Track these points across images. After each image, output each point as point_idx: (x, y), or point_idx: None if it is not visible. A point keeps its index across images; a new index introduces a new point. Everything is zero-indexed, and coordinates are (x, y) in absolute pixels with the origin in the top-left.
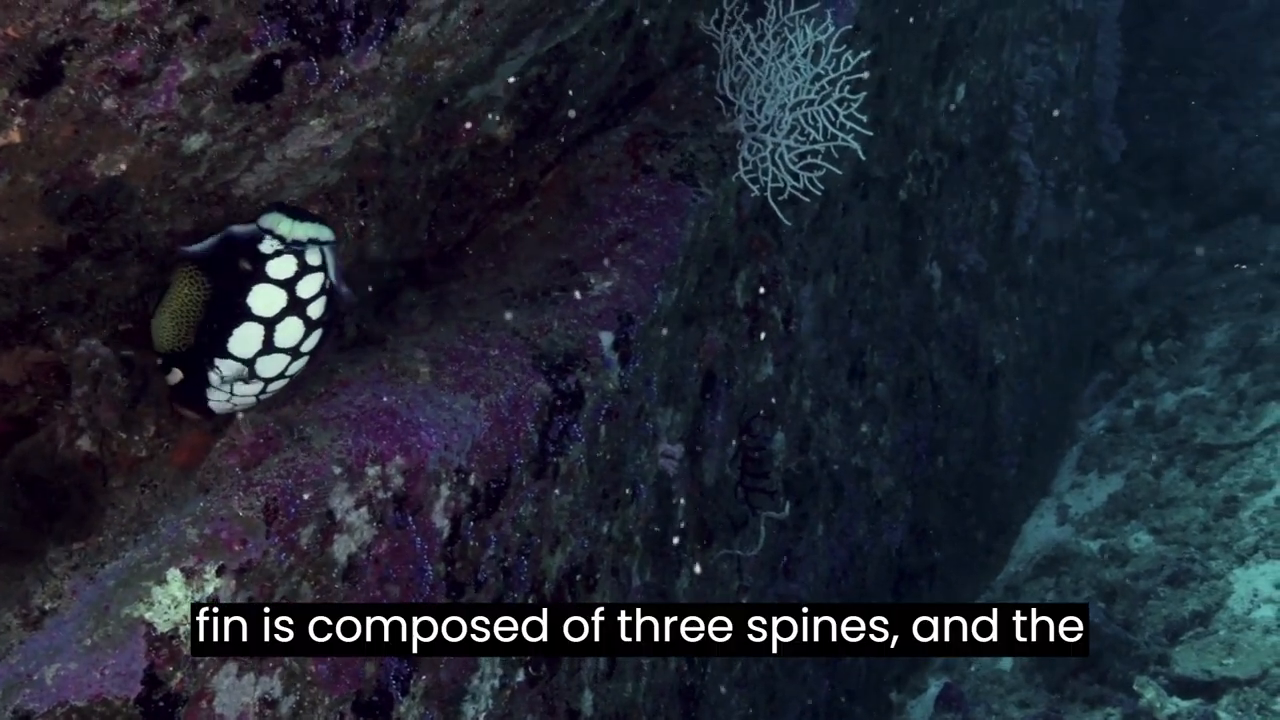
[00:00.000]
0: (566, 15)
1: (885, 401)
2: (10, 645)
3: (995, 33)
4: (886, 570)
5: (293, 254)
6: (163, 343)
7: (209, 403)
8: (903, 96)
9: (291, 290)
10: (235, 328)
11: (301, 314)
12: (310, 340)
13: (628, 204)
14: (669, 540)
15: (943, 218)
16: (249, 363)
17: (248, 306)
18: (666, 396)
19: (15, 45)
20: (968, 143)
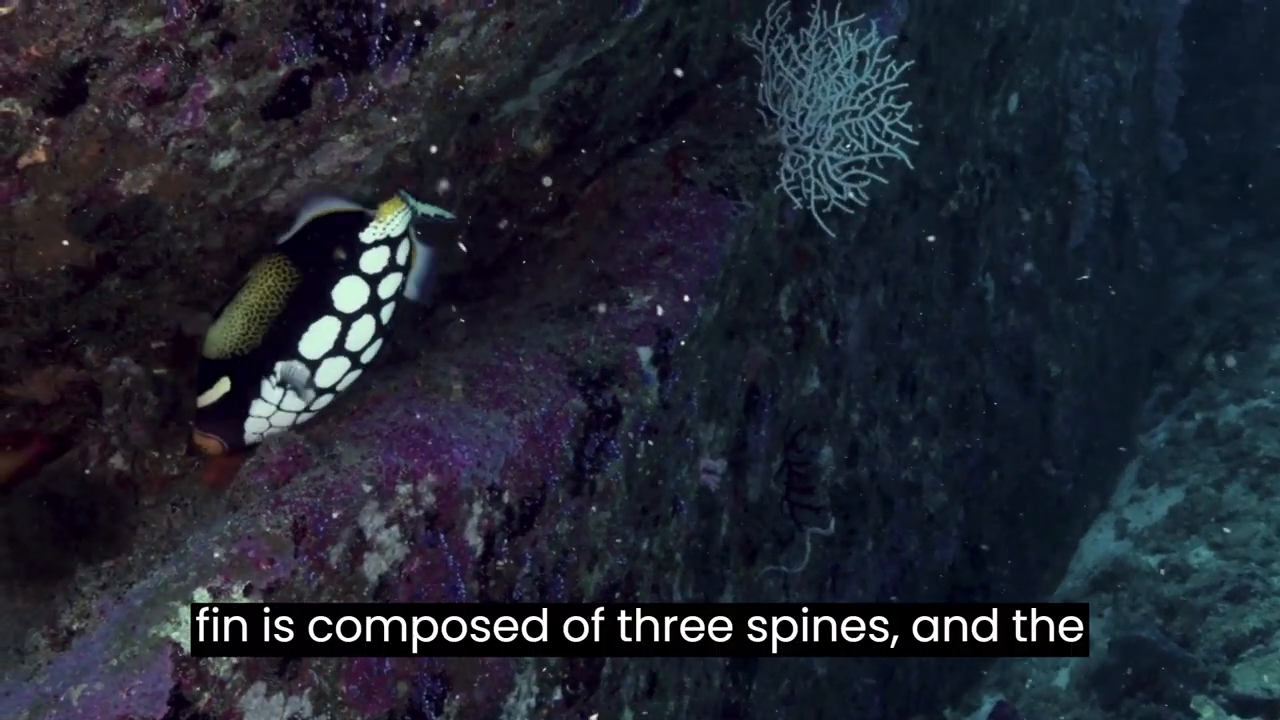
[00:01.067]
0: (601, 28)
1: (936, 415)
2: (38, 665)
3: (1049, 41)
4: (939, 587)
5: (388, 246)
6: (224, 344)
7: (249, 419)
8: (953, 107)
9: (374, 287)
10: (314, 322)
11: (376, 315)
12: (372, 349)
13: (667, 217)
14: (711, 556)
15: (995, 229)
16: (314, 365)
17: (332, 299)
18: (708, 411)
19: (38, 64)
20: (1020, 152)
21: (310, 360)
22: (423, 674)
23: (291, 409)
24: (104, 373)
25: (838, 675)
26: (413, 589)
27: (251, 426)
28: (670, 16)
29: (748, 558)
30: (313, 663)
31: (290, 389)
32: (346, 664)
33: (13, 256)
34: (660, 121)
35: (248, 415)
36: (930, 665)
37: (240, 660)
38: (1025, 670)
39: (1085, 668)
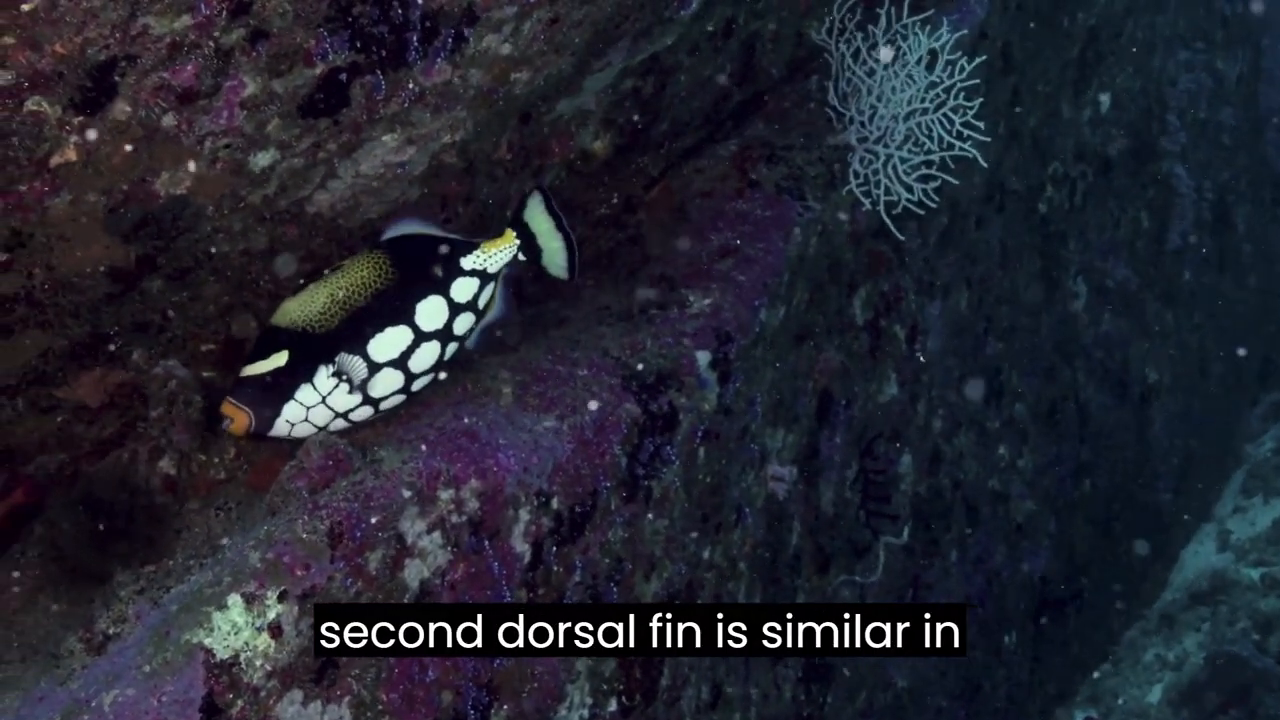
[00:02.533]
0: (655, 25)
1: (1025, 422)
2: (72, 670)
3: (1143, 39)
4: (1028, 598)
5: (479, 281)
6: (297, 316)
7: (289, 403)
8: (1040, 106)
9: (452, 317)
10: (391, 327)
11: (443, 346)
12: (424, 380)
13: (731, 219)
14: (780, 566)
15: (1087, 232)
16: (373, 369)
17: (414, 311)
18: (775, 417)
19: (64, 62)
20: (1114, 154)
21: (373, 362)
22: (468, 683)
23: (333, 408)
24: (149, 375)
25: (918, 688)
26: (456, 596)
27: (288, 413)
28: (732, 15)
29: (820, 568)
30: (352, 670)
31: (344, 383)
32: (387, 671)
33: (50, 257)
34: (728, 122)
35: (290, 399)
36: (1019, 680)
37: (275, 667)
38: (1117, 686)
39: (1178, 684)
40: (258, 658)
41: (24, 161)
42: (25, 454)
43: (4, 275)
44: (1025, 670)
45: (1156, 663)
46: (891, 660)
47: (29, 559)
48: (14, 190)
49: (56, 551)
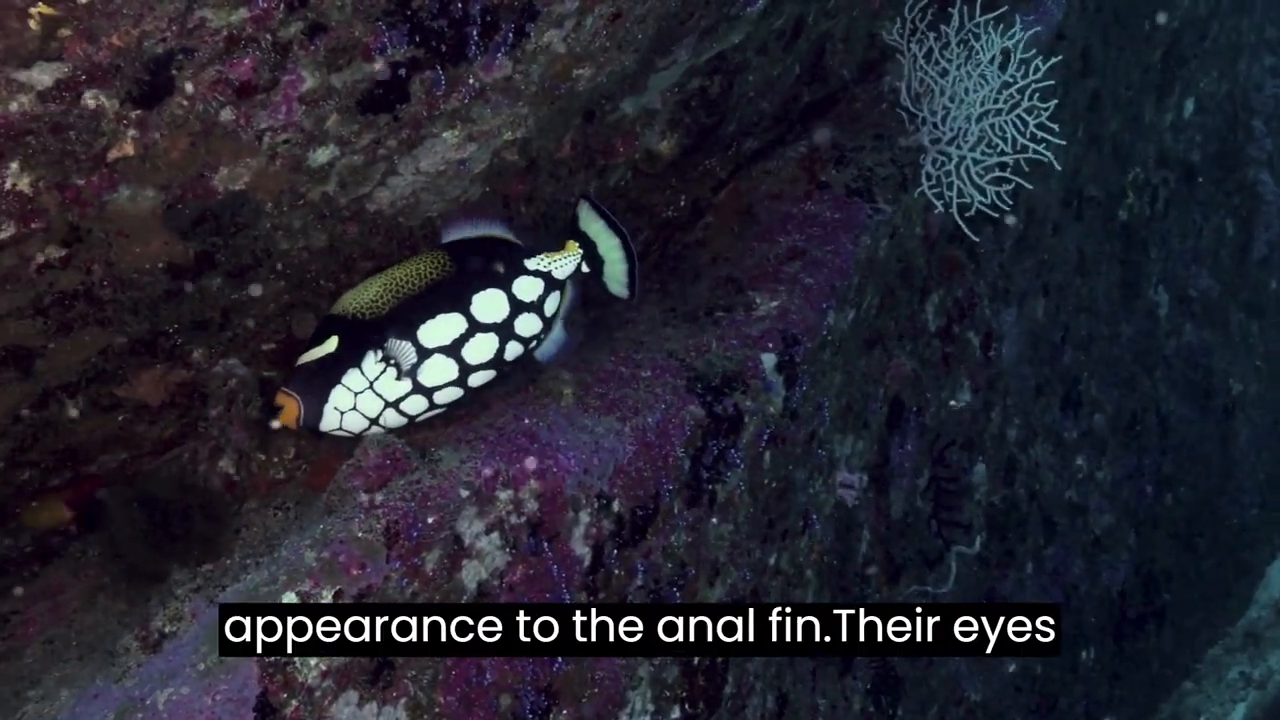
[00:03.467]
0: (721, 22)
1: (1104, 433)
2: (128, 668)
3: (1228, 43)
4: (1107, 613)
5: (544, 282)
6: (350, 304)
7: (336, 387)
8: (1120, 111)
9: (514, 314)
10: (443, 313)
11: (502, 342)
12: (481, 375)
13: (800, 221)
14: (849, 574)
15: (1169, 239)
16: (423, 354)
17: (470, 300)
18: (844, 423)
19: (121, 54)
20: (1198, 160)
21: (423, 347)
22: (526, 687)
23: (382, 395)
24: (209, 374)
25: (992, 703)
26: (515, 599)
27: (335, 399)
28: (801, 13)
29: (891, 577)
30: (408, 671)
31: (391, 367)
32: (444, 673)
33: (109, 253)
34: (798, 123)
35: (337, 384)
36: (1097, 697)
37: (330, 667)
38: (1200, 704)
39: (1262, 702)
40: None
41: (82, 155)
42: (87, 453)
43: (63, 271)
44: (1104, 687)
45: (1240, 680)
46: (965, 674)
47: (89, 559)
48: (72, 184)
49: (115, 550)
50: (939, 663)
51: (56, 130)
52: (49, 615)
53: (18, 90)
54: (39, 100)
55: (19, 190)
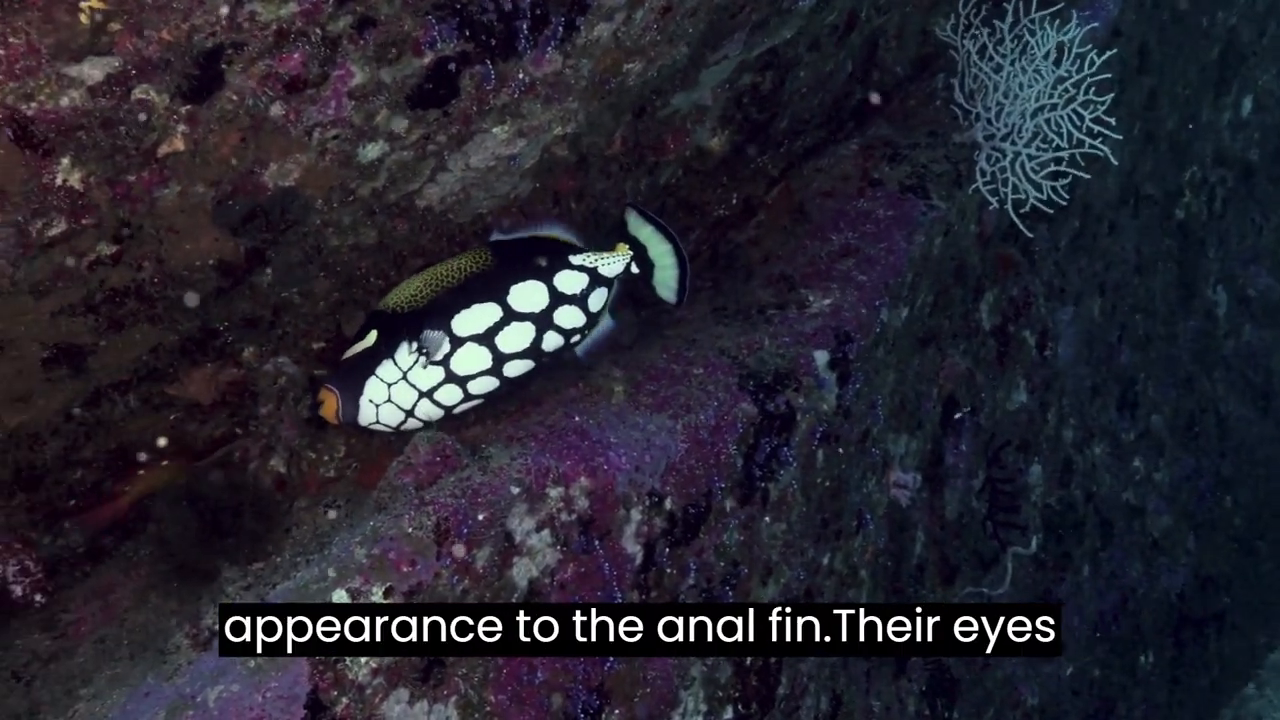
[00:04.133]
0: (772, 15)
1: (1162, 434)
2: (179, 666)
3: None
4: (1165, 616)
5: (588, 277)
6: (391, 299)
7: (370, 379)
8: (1177, 109)
9: (554, 305)
10: (478, 303)
11: (539, 331)
12: (518, 364)
13: (853, 218)
14: (904, 575)
15: (1228, 239)
16: (455, 342)
17: (507, 290)
18: (898, 422)
19: (171, 49)
20: (1256, 158)
21: (455, 336)
22: (578, 686)
23: (415, 385)
24: (260, 372)
25: (1050, 707)
26: (566, 597)
27: (370, 391)
28: (854, 8)
29: (946, 578)
30: (459, 670)
31: (423, 356)
32: (495, 672)
33: (160, 250)
34: (851, 121)
35: (371, 374)
36: (1156, 702)
37: (380, 664)
38: (1261, 710)
39: None
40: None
41: (132, 151)
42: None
43: (114, 268)
44: (1163, 691)
45: None
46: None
47: (140, 557)
48: (122, 180)
49: (166, 549)
50: (995, 664)
51: (107, 125)
52: (100, 614)
53: (68, 85)
54: (89, 95)
55: (70, 186)
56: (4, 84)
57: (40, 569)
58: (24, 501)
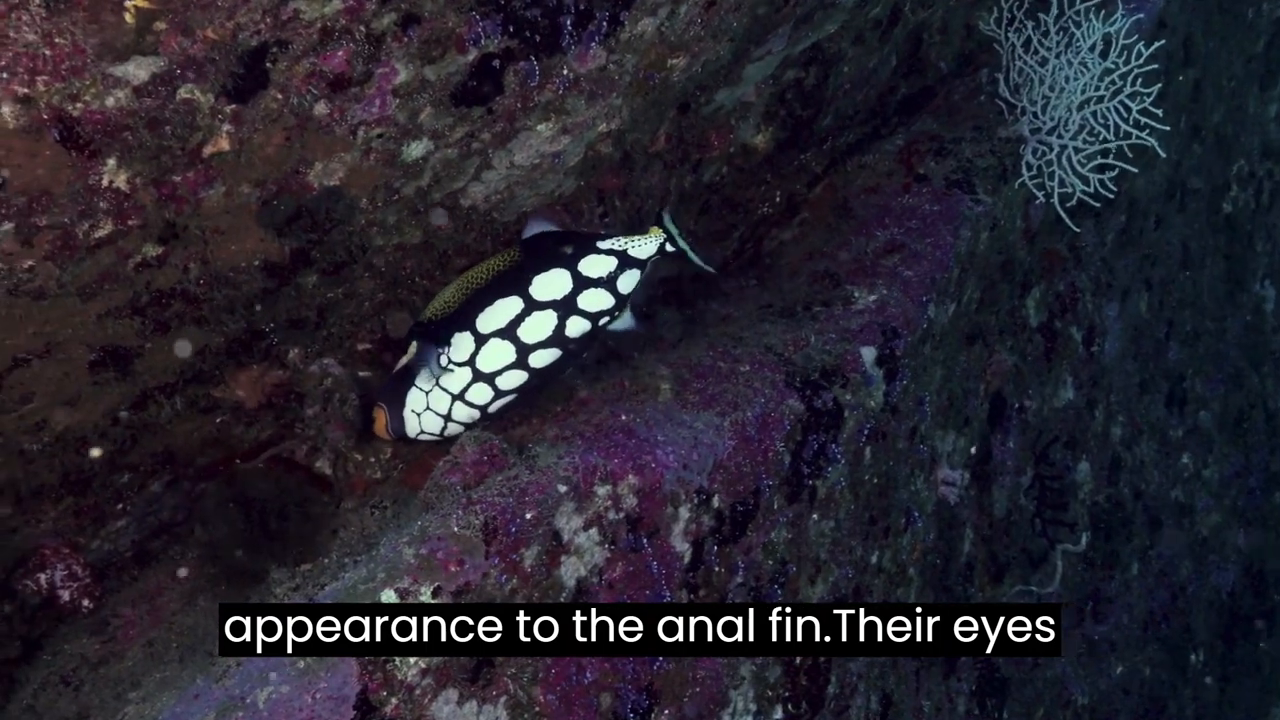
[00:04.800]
0: (816, 10)
1: (1210, 431)
2: (228, 668)
3: None
4: (1216, 614)
5: (616, 260)
6: (431, 308)
7: (411, 390)
8: (1223, 102)
9: (577, 290)
10: (501, 299)
11: (562, 318)
12: (543, 354)
13: (898, 214)
14: (952, 573)
15: (1275, 232)
16: (479, 340)
17: (528, 282)
18: (945, 419)
19: (216, 47)
20: None
21: (479, 334)
22: (627, 686)
23: (448, 389)
24: (306, 373)
25: (1100, 706)
26: (614, 596)
27: (410, 402)
28: (898, 3)
29: (994, 576)
30: (508, 669)
31: (450, 359)
32: (544, 671)
33: (205, 251)
34: (895, 117)
35: (411, 386)
36: (1207, 701)
37: (429, 665)
38: None
39: None
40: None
41: (177, 151)
42: (185, 455)
43: (160, 269)
44: (1214, 690)
45: None
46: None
47: (188, 560)
48: (168, 180)
49: (213, 551)
50: (1045, 664)
51: (152, 126)
52: (149, 618)
53: (114, 85)
54: (135, 95)
55: (116, 187)
56: (50, 85)
57: (88, 573)
58: (71, 505)
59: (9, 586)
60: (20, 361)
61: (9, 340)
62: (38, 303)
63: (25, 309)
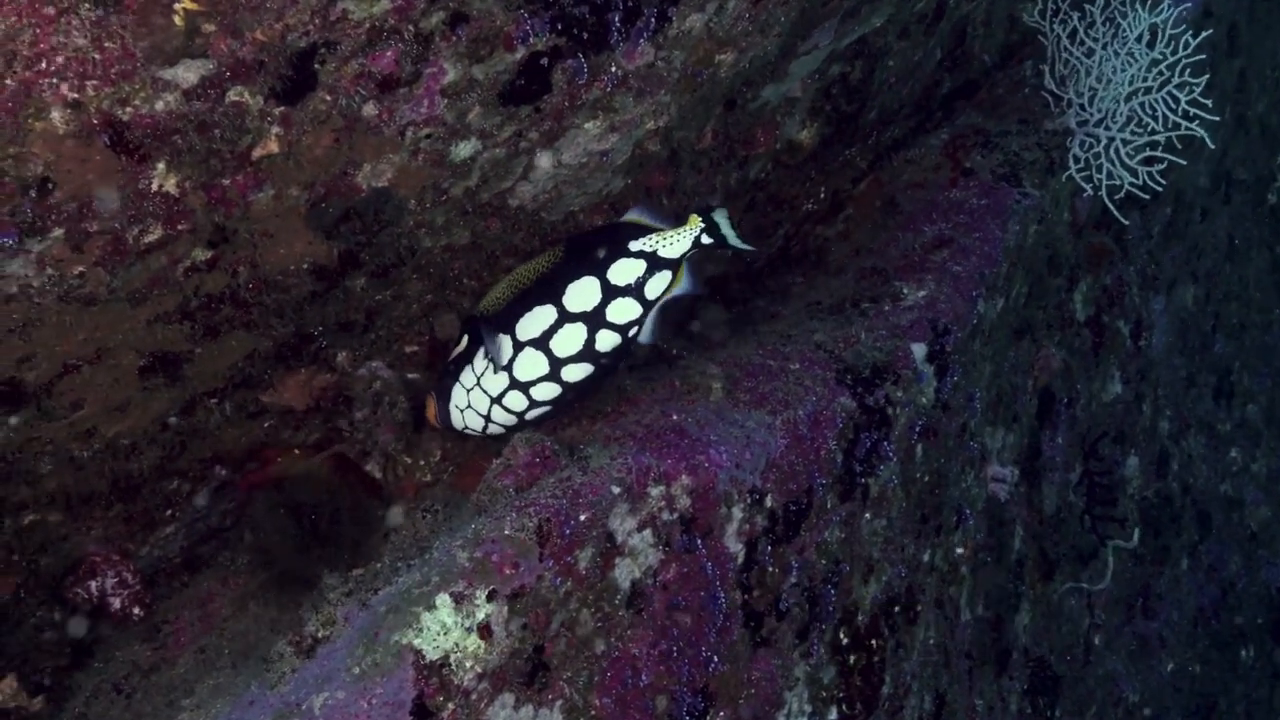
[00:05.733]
0: (864, 3)
1: (1258, 424)
2: (283, 673)
3: None
4: (1266, 610)
5: (646, 263)
6: (483, 302)
7: (456, 385)
8: (1268, 92)
9: (605, 300)
10: (538, 305)
11: (591, 330)
12: (575, 368)
13: (945, 209)
14: (1003, 571)
15: None
16: (517, 348)
17: (562, 290)
18: (995, 415)
19: (264, 49)
20: None
21: (518, 341)
22: (683, 688)
23: (487, 391)
24: (354, 376)
25: (1151, 703)
26: (669, 597)
27: (455, 396)
28: None
29: (1045, 574)
30: (563, 673)
31: (490, 361)
32: (600, 675)
33: (254, 255)
34: (940, 111)
35: (456, 381)
36: (1258, 698)
37: (485, 669)
38: None
39: None
40: (468, 659)
41: (226, 154)
42: (233, 460)
43: (209, 274)
44: (1265, 687)
45: None
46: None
47: (238, 566)
48: (217, 184)
49: (265, 557)
50: (1096, 662)
51: (202, 129)
52: (200, 624)
53: (163, 89)
54: (184, 99)
55: (166, 191)
56: (100, 89)
57: (138, 581)
58: (121, 512)
59: (59, 594)
60: (70, 368)
61: (59, 347)
62: (88, 309)
63: (75, 315)
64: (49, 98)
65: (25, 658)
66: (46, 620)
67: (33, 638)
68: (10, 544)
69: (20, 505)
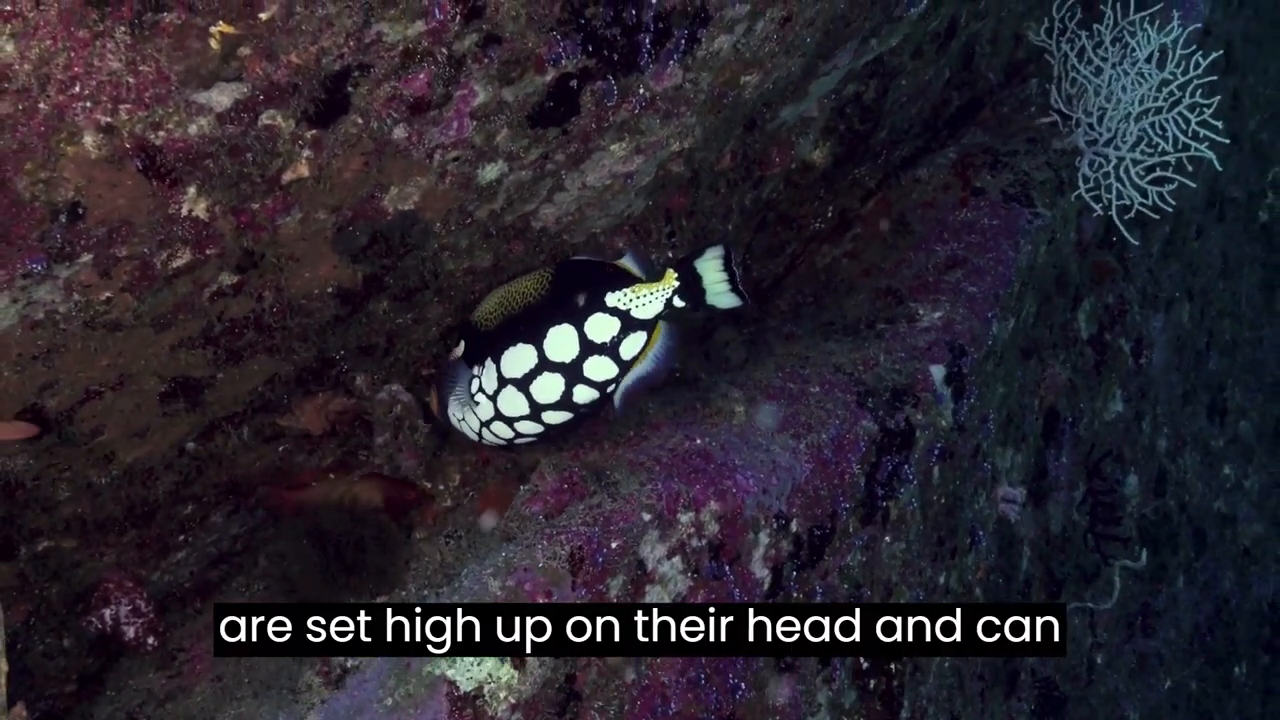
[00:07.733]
0: (884, 24)
1: (1250, 441)
2: (312, 704)
3: None
4: (1259, 625)
5: (619, 322)
6: (477, 311)
7: (452, 397)
8: (1260, 109)
9: (583, 355)
10: (522, 343)
11: (571, 383)
12: (555, 414)
13: (956, 229)
14: (1013, 592)
15: None
16: (501, 382)
17: (544, 334)
18: (1005, 435)
19: (299, 72)
20: None
21: (501, 375)
22: (710, 715)
23: (477, 415)
24: (374, 400)
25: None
26: None
27: (452, 409)
28: (955, 13)
29: (1051, 593)
30: (595, 703)
31: (479, 389)
32: (630, 705)
33: (280, 279)
34: (946, 129)
35: (453, 392)
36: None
37: (518, 699)
38: None
39: None
40: (501, 689)
41: (257, 178)
42: (249, 485)
43: (234, 298)
44: (1257, 703)
45: None
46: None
47: (255, 592)
48: (247, 208)
49: (288, 585)
50: (1098, 681)
51: (234, 153)
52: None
53: (197, 113)
54: (218, 122)
55: (195, 216)
56: (133, 113)
57: (151, 608)
58: (135, 538)
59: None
60: (92, 394)
61: (83, 373)
62: (113, 334)
63: (100, 341)
64: (82, 122)
65: (34, 685)
66: (56, 647)
67: (42, 665)
68: (24, 571)
69: (35, 532)
